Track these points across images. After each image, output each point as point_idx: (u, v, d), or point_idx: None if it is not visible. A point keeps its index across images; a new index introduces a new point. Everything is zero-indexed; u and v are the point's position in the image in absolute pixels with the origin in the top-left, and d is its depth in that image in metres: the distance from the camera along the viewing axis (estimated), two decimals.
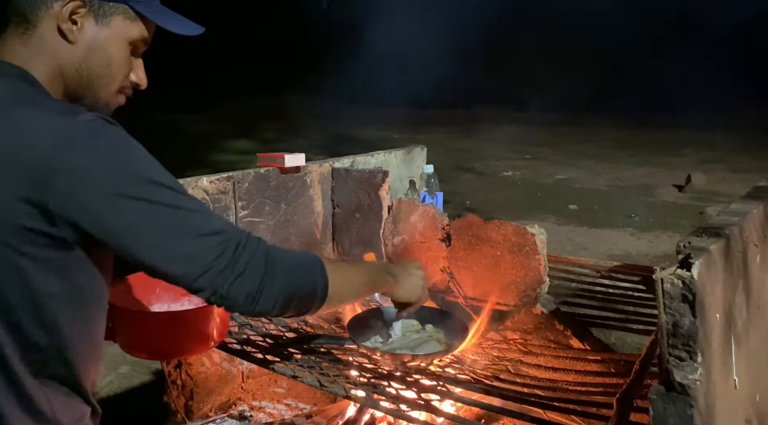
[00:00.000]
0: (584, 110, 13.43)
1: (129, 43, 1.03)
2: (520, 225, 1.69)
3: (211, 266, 0.88)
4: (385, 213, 1.96)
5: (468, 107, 14.29)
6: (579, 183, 8.45)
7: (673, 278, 0.89)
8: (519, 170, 9.25)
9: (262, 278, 0.92)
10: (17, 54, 0.97)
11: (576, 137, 11.83)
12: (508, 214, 6.96)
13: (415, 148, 2.37)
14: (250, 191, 1.81)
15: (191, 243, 0.88)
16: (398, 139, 11.15)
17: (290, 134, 10.81)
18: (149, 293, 1.41)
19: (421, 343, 1.51)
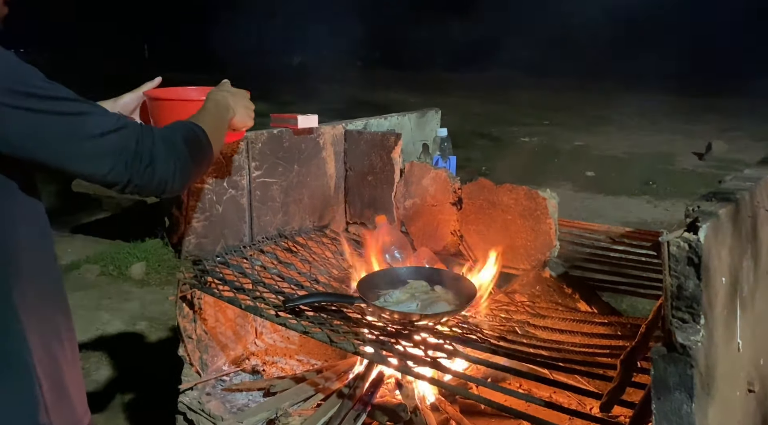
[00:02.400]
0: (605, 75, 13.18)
1: None
2: (531, 189, 1.69)
3: (117, 162, 0.94)
4: (397, 176, 1.96)
5: (484, 70, 14.06)
6: (597, 150, 8.34)
7: (680, 241, 0.89)
8: (536, 136, 9.15)
9: (169, 162, 1.00)
10: None
11: (595, 102, 11.63)
12: (524, 180, 6.77)
13: (429, 111, 2.36)
14: (263, 151, 1.82)
15: (91, 144, 0.92)
16: (414, 103, 11.05)
17: (306, 97, 10.76)
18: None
19: (431, 303, 1.53)
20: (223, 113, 1.31)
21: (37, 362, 0.95)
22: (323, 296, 1.54)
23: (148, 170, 0.97)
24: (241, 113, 1.37)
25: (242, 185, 1.79)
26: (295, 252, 1.85)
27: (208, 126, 1.16)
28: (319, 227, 2.03)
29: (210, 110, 1.27)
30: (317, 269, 1.79)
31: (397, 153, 1.95)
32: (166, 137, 1.02)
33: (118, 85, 1.69)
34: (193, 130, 1.10)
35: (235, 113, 1.35)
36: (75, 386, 1.04)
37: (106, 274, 4.09)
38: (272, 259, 1.79)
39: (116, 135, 0.94)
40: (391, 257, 1.86)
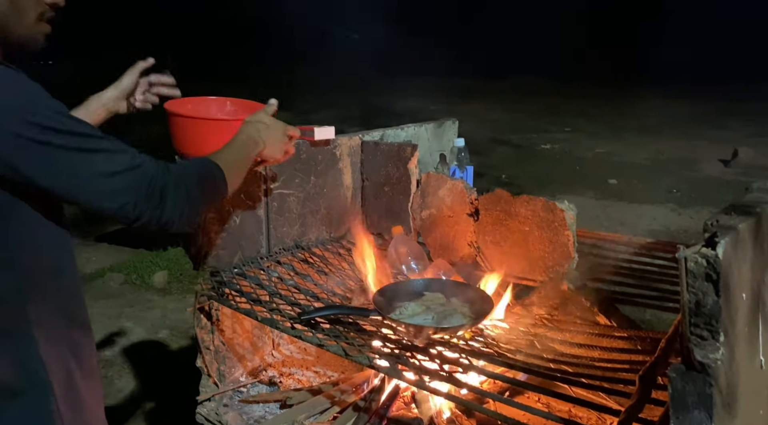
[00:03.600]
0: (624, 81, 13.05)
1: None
2: (549, 200, 1.67)
3: (127, 201, 0.96)
4: (413, 187, 1.96)
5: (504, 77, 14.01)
6: (619, 157, 8.25)
7: (697, 256, 0.87)
8: (557, 143, 9.09)
9: (179, 204, 1.01)
10: None
11: (616, 108, 11.52)
12: (545, 188, 6.87)
13: (446, 121, 2.36)
14: (281, 163, 1.83)
15: (105, 182, 0.94)
16: (434, 110, 11.03)
17: (325, 106, 10.81)
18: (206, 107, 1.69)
19: (446, 316, 1.52)
20: (250, 148, 1.32)
21: (54, 379, 0.96)
22: (338, 309, 1.54)
23: (156, 212, 0.99)
24: (273, 148, 1.38)
25: (259, 196, 1.80)
26: (311, 263, 1.85)
27: (230, 164, 1.18)
28: (336, 238, 2.03)
29: (237, 145, 1.28)
30: (334, 280, 1.79)
31: (413, 164, 1.94)
32: (180, 179, 1.03)
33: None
34: (210, 171, 1.12)
35: (265, 146, 1.35)
36: (93, 401, 1.05)
37: (129, 283, 4.15)
38: (289, 270, 1.79)
39: (131, 174, 0.97)
40: (408, 268, 1.86)
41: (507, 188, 5.97)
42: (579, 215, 1.68)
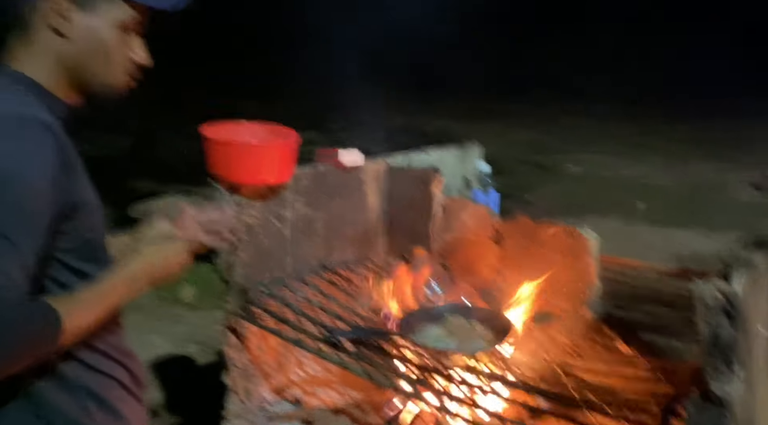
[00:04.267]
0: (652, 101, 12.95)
1: (119, 25, 1.05)
2: (571, 227, 1.69)
3: None
4: (437, 211, 1.99)
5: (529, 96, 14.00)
6: (646, 179, 8.17)
7: (714, 290, 0.90)
8: (582, 164, 9.02)
9: None
10: (18, 57, 1.03)
11: (643, 129, 11.41)
12: (570, 210, 6.82)
13: (470, 145, 2.39)
14: (307, 186, 1.89)
15: None
16: (457, 129, 11.07)
17: (353, 124, 10.94)
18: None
19: (468, 340, 1.55)
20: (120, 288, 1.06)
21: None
22: (362, 331, 1.58)
23: None
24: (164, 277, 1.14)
25: (287, 217, 1.85)
26: (336, 284, 1.89)
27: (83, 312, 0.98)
28: (361, 259, 2.07)
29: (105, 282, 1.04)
30: (358, 301, 1.82)
31: (436, 188, 1.98)
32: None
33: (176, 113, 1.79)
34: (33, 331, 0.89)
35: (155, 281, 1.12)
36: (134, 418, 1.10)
37: (158, 297, 4.23)
38: (314, 291, 1.83)
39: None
40: (431, 291, 1.89)
41: (531, 208, 5.96)
42: (605, 238, 1.70)
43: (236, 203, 1.71)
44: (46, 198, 0.92)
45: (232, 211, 1.29)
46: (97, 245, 1.09)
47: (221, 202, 1.46)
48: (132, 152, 7.72)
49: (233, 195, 1.70)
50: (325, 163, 1.95)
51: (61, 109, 1.06)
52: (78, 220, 1.00)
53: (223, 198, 1.70)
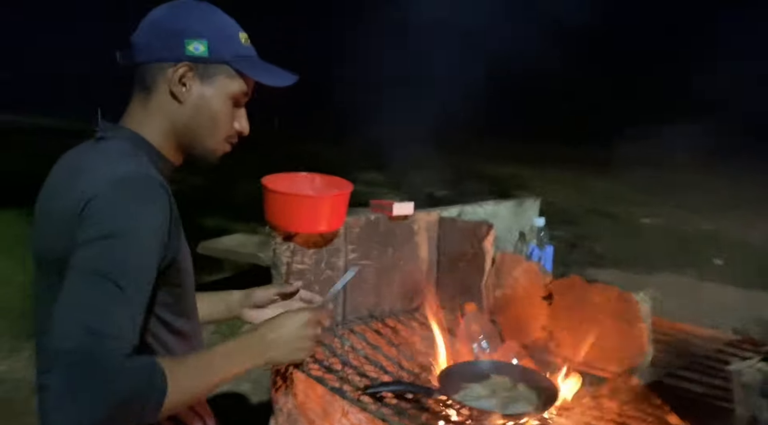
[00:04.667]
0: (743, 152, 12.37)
1: (231, 97, 1.15)
2: (624, 291, 1.65)
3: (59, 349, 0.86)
4: (488, 265, 1.99)
5: (606, 144, 13.71)
6: (728, 235, 7.78)
7: (753, 371, 0.86)
8: (659, 217, 8.72)
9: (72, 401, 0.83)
10: (136, 117, 1.13)
11: (729, 182, 10.91)
12: (641, 264, 6.57)
13: (527, 199, 2.38)
14: (360, 235, 1.93)
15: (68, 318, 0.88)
16: (527, 176, 10.97)
17: (418, 167, 11.03)
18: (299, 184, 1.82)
19: (511, 402, 1.52)
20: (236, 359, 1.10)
21: None
22: (403, 385, 1.58)
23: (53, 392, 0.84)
24: (285, 353, 1.19)
25: (339, 266, 1.90)
26: (383, 335, 1.91)
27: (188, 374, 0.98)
28: (410, 310, 2.08)
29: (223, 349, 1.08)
30: (403, 353, 1.83)
31: (489, 242, 1.98)
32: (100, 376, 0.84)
33: (250, 154, 1.89)
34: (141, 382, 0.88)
35: (274, 357, 1.18)
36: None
37: (218, 332, 4.36)
38: (361, 340, 1.86)
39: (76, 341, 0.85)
40: (479, 347, 1.87)
41: (600, 261, 5.80)
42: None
43: (290, 250, 1.78)
44: (158, 255, 0.99)
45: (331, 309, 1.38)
46: (188, 299, 1.17)
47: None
48: (203, 189, 8.11)
49: (288, 242, 1.78)
50: (377, 212, 1.99)
51: (168, 168, 1.16)
52: (174, 275, 1.08)
53: (278, 245, 1.77)
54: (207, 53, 1.11)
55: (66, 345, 0.85)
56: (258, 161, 2.23)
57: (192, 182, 8.49)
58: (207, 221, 6.87)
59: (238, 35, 1.17)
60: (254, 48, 1.20)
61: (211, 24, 1.14)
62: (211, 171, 1.67)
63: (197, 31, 1.11)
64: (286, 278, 1.78)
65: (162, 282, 1.03)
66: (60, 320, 0.88)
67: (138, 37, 1.13)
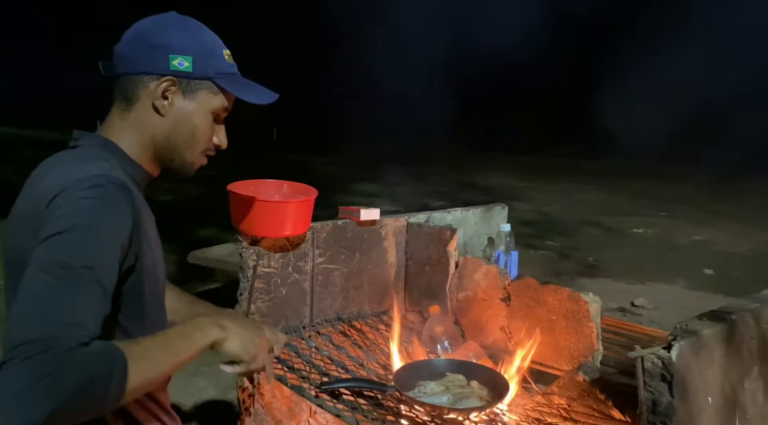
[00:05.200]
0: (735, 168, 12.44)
1: (212, 112, 1.17)
2: (574, 291, 1.72)
3: (11, 342, 0.83)
4: (452, 268, 2.06)
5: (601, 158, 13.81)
6: (719, 246, 7.83)
7: (653, 357, 0.93)
8: (651, 228, 8.78)
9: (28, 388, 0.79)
10: (114, 127, 1.14)
11: (722, 196, 10.98)
12: (633, 273, 6.62)
13: (495, 206, 2.46)
14: (327, 240, 2.00)
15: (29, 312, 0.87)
16: (522, 188, 11.05)
17: (414, 179, 11.13)
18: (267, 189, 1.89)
19: (463, 398, 1.58)
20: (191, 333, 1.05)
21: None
22: (359, 382, 1.64)
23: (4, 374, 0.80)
24: (234, 339, 1.11)
25: (306, 270, 1.97)
26: (349, 336, 1.97)
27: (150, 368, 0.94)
28: (377, 313, 2.15)
29: (179, 327, 1.05)
30: (367, 354, 1.89)
31: (452, 246, 2.05)
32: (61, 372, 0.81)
33: (249, 164, 1.97)
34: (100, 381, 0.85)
35: (226, 337, 1.09)
36: None
37: None
38: (327, 341, 1.92)
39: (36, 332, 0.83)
40: (442, 347, 1.93)
41: (592, 270, 5.86)
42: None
43: (257, 254, 1.85)
44: (119, 254, 0.99)
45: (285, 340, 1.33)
46: (154, 308, 1.15)
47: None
48: (198, 200, 8.18)
49: (255, 246, 1.85)
50: (345, 218, 2.07)
51: (141, 176, 1.17)
52: (137, 282, 1.06)
53: (244, 249, 1.84)
54: (191, 69, 1.13)
55: (22, 336, 0.82)
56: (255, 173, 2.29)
57: (188, 193, 8.58)
58: (201, 232, 6.93)
59: (222, 52, 1.18)
60: (236, 65, 1.23)
61: (195, 40, 1.15)
62: (206, 182, 1.74)
63: (182, 46, 1.12)
64: (252, 281, 1.85)
65: (124, 288, 1.03)
66: (15, 313, 0.86)
67: (121, 48, 1.14)
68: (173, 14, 1.18)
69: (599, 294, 1.75)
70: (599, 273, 6.65)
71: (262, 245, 1.85)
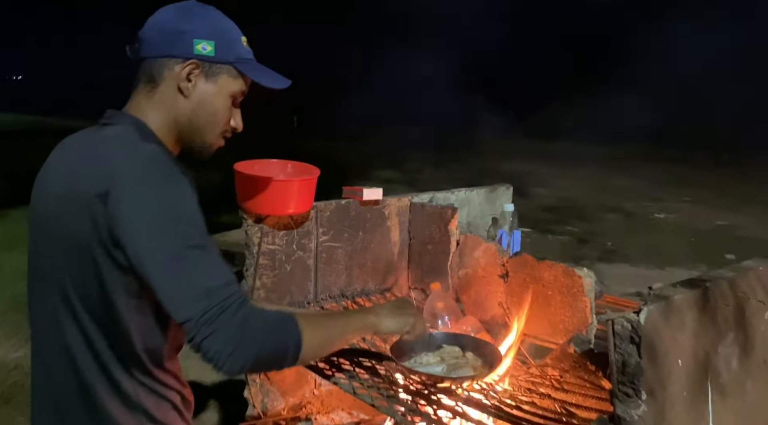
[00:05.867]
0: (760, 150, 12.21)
1: (230, 95, 1.24)
2: (569, 267, 1.74)
3: (191, 318, 0.98)
4: (453, 247, 2.10)
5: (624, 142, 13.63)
6: (742, 231, 7.72)
7: (623, 320, 0.96)
8: (673, 213, 8.68)
9: (231, 344, 0.98)
10: (141, 107, 1.20)
11: (750, 181, 10.79)
12: (652, 259, 6.57)
13: (500, 187, 2.48)
14: (330, 219, 2.06)
15: (185, 293, 0.99)
16: (544, 173, 10.98)
17: (434, 165, 11.14)
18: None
19: (457, 368, 1.63)
20: (354, 320, 1.33)
21: None
22: (358, 352, 1.70)
23: (209, 339, 0.97)
24: (386, 319, 1.38)
25: (310, 247, 2.03)
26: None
27: (320, 327, 1.18)
28: (381, 290, 2.20)
29: (342, 313, 1.41)
30: None
31: (453, 225, 2.09)
32: (248, 319, 1.01)
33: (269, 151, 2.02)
34: (284, 324, 1.07)
35: (378, 320, 1.36)
36: None
37: None
38: None
39: (208, 294, 0.98)
40: (442, 322, 1.98)
41: (611, 255, 5.83)
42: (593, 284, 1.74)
43: (261, 231, 1.91)
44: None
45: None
46: None
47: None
48: (220, 186, 8.30)
49: (259, 224, 1.91)
50: (349, 198, 2.12)
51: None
52: None
53: (249, 227, 1.90)
54: (213, 53, 1.19)
55: (191, 312, 0.97)
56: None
57: (211, 179, 8.70)
58: (222, 217, 7.05)
59: (241, 38, 1.25)
60: (252, 51, 1.29)
61: (218, 26, 1.22)
62: (229, 169, 1.81)
63: (205, 32, 1.19)
64: (257, 257, 1.92)
65: None
66: (174, 297, 0.99)
67: (147, 33, 1.20)
68: (194, 2, 1.25)
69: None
70: (618, 258, 6.62)
71: (266, 223, 1.91)
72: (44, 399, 1.16)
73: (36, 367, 1.19)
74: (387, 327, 1.37)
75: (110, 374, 1.10)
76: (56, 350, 1.12)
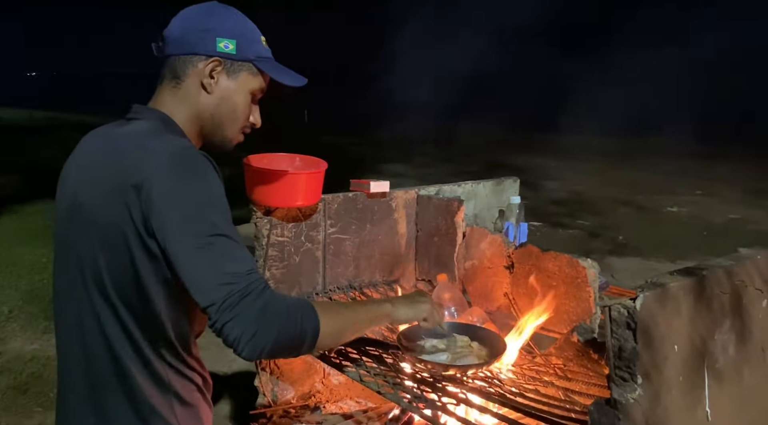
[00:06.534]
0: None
1: (250, 92, 1.28)
2: (573, 257, 1.77)
3: (214, 302, 1.01)
4: (459, 238, 2.12)
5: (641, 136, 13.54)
6: (755, 224, 7.67)
7: (620, 307, 0.98)
8: (686, 206, 8.63)
9: (251, 328, 1.01)
10: (166, 102, 1.24)
11: (762, 173, 10.69)
12: (664, 252, 6.55)
13: (507, 179, 2.50)
14: (338, 211, 2.09)
15: (210, 279, 1.02)
16: (555, 167, 10.95)
17: (443, 160, 11.13)
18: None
19: (463, 357, 1.66)
20: (371, 310, 1.35)
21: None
22: (364, 341, 1.73)
23: (230, 324, 1.00)
24: (402, 307, 1.39)
25: (318, 239, 2.07)
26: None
27: (337, 315, 1.19)
28: (389, 281, 2.23)
29: (360, 303, 1.47)
30: None
31: (460, 217, 2.11)
32: (268, 306, 1.03)
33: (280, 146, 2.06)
34: (303, 310, 1.09)
35: (394, 309, 1.38)
36: None
37: None
38: None
39: (232, 280, 1.01)
40: (449, 312, 2.01)
41: (622, 249, 5.83)
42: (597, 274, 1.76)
43: (270, 223, 1.95)
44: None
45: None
46: None
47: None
48: (232, 180, 8.39)
49: (268, 216, 1.95)
50: (356, 191, 2.15)
51: None
52: None
53: (258, 219, 1.94)
54: (235, 51, 1.24)
55: (214, 295, 1.00)
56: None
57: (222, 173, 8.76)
58: (234, 212, 7.12)
59: (260, 38, 1.30)
60: (271, 50, 1.35)
61: (239, 26, 1.26)
62: (239, 164, 1.84)
63: (228, 31, 1.23)
64: (266, 249, 1.95)
65: None
66: (199, 282, 1.02)
67: (171, 32, 1.24)
68: (216, 2, 1.30)
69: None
70: (629, 252, 6.60)
71: (275, 216, 1.95)
72: (79, 383, 1.19)
73: (66, 353, 1.23)
74: (404, 316, 1.40)
75: (145, 357, 1.15)
76: (92, 335, 1.16)
